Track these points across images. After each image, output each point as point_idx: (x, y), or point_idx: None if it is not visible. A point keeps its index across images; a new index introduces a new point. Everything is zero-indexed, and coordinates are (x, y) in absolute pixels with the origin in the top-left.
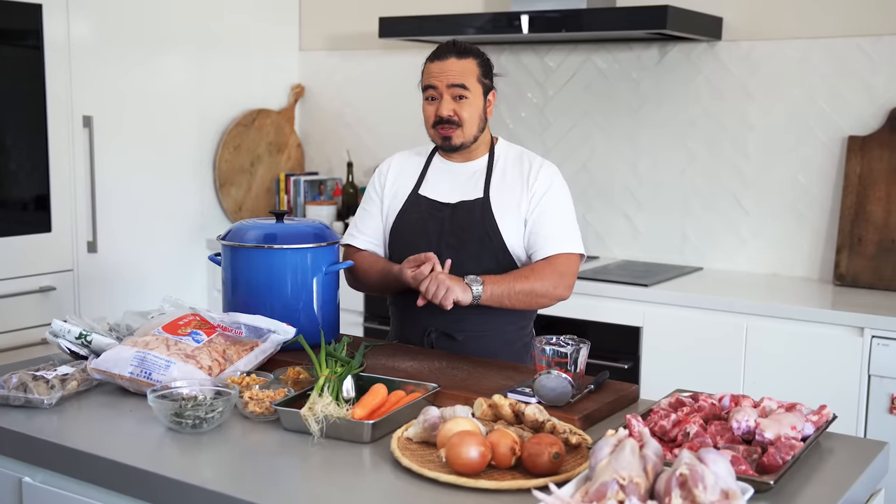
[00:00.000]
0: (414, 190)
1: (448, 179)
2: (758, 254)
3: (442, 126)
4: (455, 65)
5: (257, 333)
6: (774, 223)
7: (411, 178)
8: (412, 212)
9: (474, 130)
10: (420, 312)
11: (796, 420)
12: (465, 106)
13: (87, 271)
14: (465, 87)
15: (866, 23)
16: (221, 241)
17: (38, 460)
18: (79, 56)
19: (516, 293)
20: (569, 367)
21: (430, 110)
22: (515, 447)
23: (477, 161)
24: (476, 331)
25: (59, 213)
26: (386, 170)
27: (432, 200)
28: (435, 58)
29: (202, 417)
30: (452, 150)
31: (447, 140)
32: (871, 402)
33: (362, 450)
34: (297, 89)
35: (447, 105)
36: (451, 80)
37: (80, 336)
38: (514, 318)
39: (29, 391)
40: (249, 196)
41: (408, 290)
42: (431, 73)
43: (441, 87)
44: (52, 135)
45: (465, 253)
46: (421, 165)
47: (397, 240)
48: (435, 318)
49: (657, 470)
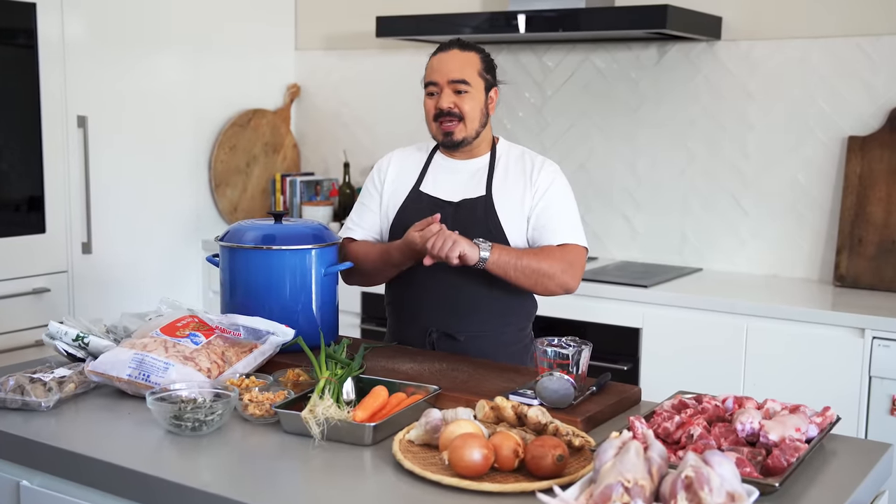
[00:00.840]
0: (415, 187)
1: (450, 177)
2: (757, 255)
3: (443, 119)
4: (457, 57)
5: (256, 335)
6: (774, 224)
7: (412, 174)
8: (413, 209)
9: (476, 125)
10: (420, 312)
11: (800, 422)
12: (466, 99)
13: (82, 273)
14: (466, 82)
15: (866, 22)
16: (219, 243)
17: (36, 463)
18: (73, 55)
19: (523, 267)
20: (570, 368)
21: (430, 104)
22: (518, 450)
23: (479, 159)
24: (476, 331)
25: (53, 213)
26: (386, 165)
27: (434, 198)
28: (437, 52)
29: (202, 420)
30: (454, 147)
31: (448, 135)
32: (871, 403)
33: (363, 452)
34: (293, 89)
35: (448, 98)
36: (452, 75)
37: (78, 338)
38: (513, 319)
39: (26, 394)
40: (245, 197)
41: (406, 289)
42: (433, 68)
43: (442, 83)
44: (47, 135)
45: None
46: (422, 162)
47: (398, 237)
48: (436, 318)
49: (662, 472)
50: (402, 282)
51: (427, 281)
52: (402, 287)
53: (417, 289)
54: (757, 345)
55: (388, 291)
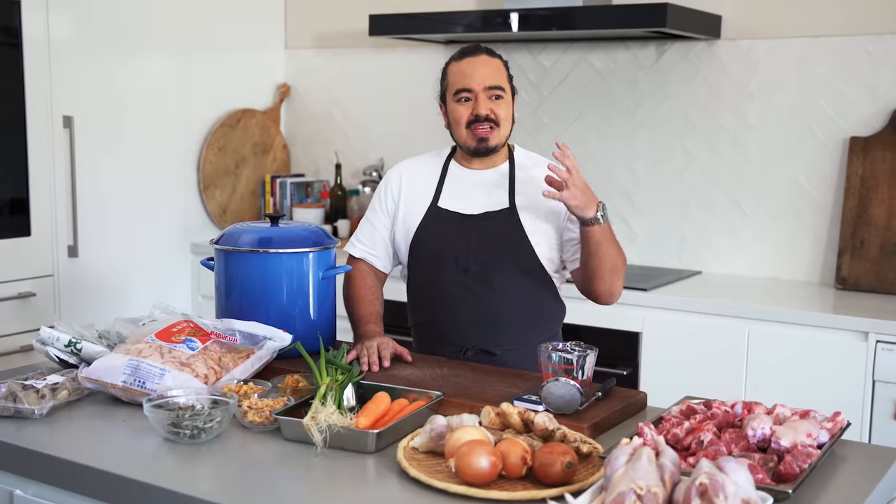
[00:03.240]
0: (433, 203)
1: (467, 188)
2: (757, 257)
3: (479, 125)
4: (488, 63)
5: (253, 340)
6: (774, 226)
7: (428, 188)
8: (432, 226)
9: (507, 132)
10: (453, 331)
11: (812, 427)
12: (502, 105)
13: (68, 276)
14: (502, 88)
15: (868, 21)
16: (215, 246)
17: (30, 472)
18: (59, 54)
19: (616, 248)
20: (575, 373)
21: (462, 110)
22: (526, 456)
23: (497, 168)
24: (512, 344)
25: (38, 216)
26: (396, 182)
27: (454, 213)
28: (464, 55)
29: (200, 427)
30: (487, 153)
31: (483, 141)
32: (875, 407)
33: (366, 460)
34: (283, 89)
35: (485, 104)
36: (488, 81)
37: (70, 343)
38: (547, 325)
39: (19, 401)
40: (234, 199)
41: (437, 310)
42: (464, 73)
43: (477, 89)
44: (32, 135)
45: (494, 267)
46: (436, 175)
47: (419, 256)
48: (471, 335)
49: (675, 479)
50: (430, 302)
51: (458, 298)
52: (432, 308)
53: (449, 307)
54: (759, 349)
55: (415, 313)
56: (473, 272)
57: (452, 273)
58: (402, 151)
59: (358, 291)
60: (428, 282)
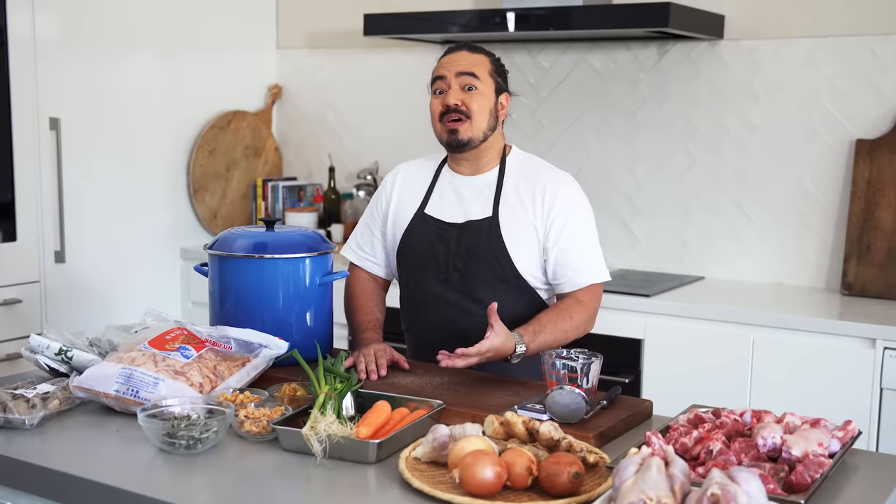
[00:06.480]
0: (419, 208)
1: (456, 196)
2: (761, 262)
3: (449, 117)
4: (466, 56)
5: (248, 348)
6: (779, 230)
7: (417, 193)
8: (417, 232)
9: (483, 126)
10: (437, 338)
11: (823, 436)
12: (475, 97)
13: (55, 282)
14: (475, 76)
15: (875, 21)
16: (208, 251)
17: (21, 484)
18: (45, 54)
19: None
20: (580, 381)
21: (436, 103)
22: (532, 467)
23: (487, 174)
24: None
25: (24, 221)
26: (391, 185)
27: (438, 220)
28: (448, 52)
29: (196, 437)
30: (459, 148)
31: (454, 134)
32: (883, 416)
33: (367, 470)
34: (275, 90)
35: (455, 94)
36: (461, 68)
37: (61, 351)
38: None
39: (9, 411)
40: (225, 203)
41: (419, 318)
42: (440, 64)
43: (449, 77)
44: (17, 138)
45: (474, 276)
46: (428, 181)
47: (405, 262)
48: (452, 343)
49: (685, 490)
50: (415, 308)
51: (440, 307)
52: (417, 314)
53: (431, 315)
54: (764, 356)
55: (404, 318)
56: (454, 281)
57: (433, 281)
58: (397, 154)
59: (357, 299)
60: (413, 288)
